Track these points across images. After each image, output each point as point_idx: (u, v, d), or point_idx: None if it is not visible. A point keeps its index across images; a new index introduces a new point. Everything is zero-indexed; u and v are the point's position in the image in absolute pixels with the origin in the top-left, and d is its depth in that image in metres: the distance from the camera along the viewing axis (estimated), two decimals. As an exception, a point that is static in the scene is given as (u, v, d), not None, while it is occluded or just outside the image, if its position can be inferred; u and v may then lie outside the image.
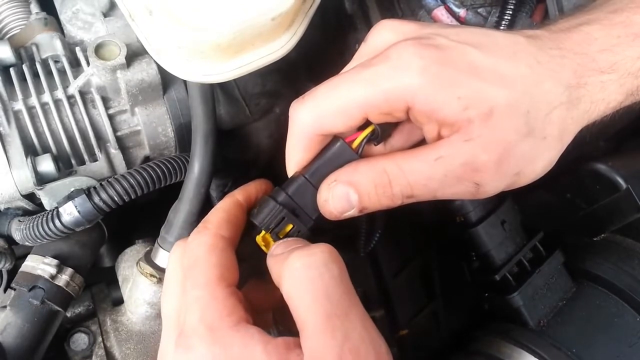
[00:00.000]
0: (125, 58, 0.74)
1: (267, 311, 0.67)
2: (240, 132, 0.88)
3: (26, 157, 0.74)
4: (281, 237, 0.64)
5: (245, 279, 0.65)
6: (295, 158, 0.64)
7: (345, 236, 1.02)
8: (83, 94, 0.78)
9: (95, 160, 0.79)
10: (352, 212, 0.62)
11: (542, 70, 0.59)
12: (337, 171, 0.62)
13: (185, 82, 0.79)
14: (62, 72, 0.80)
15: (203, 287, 0.59)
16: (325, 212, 0.63)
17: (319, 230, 0.67)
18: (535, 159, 0.60)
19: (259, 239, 0.64)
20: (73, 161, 0.78)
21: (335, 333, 0.54)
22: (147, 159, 0.83)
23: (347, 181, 0.61)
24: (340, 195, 0.61)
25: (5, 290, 0.83)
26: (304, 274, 0.57)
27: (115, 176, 0.76)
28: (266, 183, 0.70)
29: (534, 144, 0.59)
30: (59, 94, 0.77)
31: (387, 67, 0.58)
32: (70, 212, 0.74)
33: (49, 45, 0.83)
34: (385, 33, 0.62)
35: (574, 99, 0.60)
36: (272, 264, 0.62)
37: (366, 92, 0.58)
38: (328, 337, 0.54)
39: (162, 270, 0.79)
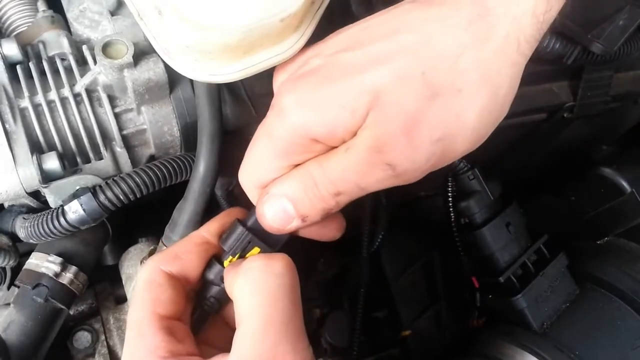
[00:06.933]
0: (133, 57, 0.74)
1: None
2: (246, 132, 0.88)
3: (32, 154, 0.74)
4: None
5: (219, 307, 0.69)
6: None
7: (348, 237, 1.03)
8: (89, 92, 0.78)
9: (101, 158, 0.78)
10: (296, 223, 0.62)
11: (431, 26, 0.57)
12: (270, 184, 0.62)
13: (191, 81, 0.79)
14: (68, 70, 0.80)
15: (133, 326, 0.63)
16: (266, 227, 0.63)
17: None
18: (460, 115, 0.57)
19: (226, 263, 0.66)
20: (78, 159, 0.78)
21: (268, 338, 0.57)
22: (152, 158, 0.83)
23: (279, 193, 0.61)
24: (277, 209, 0.61)
25: (9, 288, 0.83)
26: (257, 276, 0.60)
27: (121, 175, 0.76)
28: (237, 211, 0.72)
29: (447, 101, 0.56)
30: (66, 92, 0.77)
31: (273, 116, 0.61)
32: (75, 210, 0.74)
33: (56, 43, 0.82)
34: (275, 77, 0.66)
35: (483, 31, 0.56)
36: (228, 269, 0.65)
37: (270, 146, 0.61)
38: (259, 340, 0.57)
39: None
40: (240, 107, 0.84)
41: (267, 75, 0.82)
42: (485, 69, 0.57)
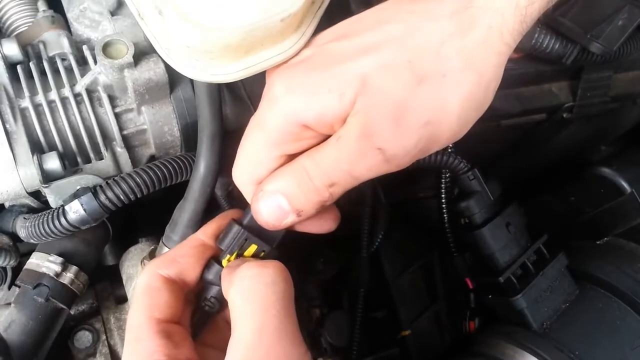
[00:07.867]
0: (133, 57, 0.74)
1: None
2: (246, 131, 0.88)
3: (32, 154, 0.74)
4: None
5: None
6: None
7: (348, 237, 1.03)
8: (90, 92, 0.78)
9: (101, 158, 0.79)
10: (291, 218, 0.62)
11: (417, 17, 0.59)
12: (264, 181, 0.63)
13: (191, 81, 0.79)
14: (69, 70, 0.80)
15: (132, 330, 0.64)
16: (262, 223, 0.64)
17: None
18: (445, 100, 0.58)
19: (225, 262, 0.67)
20: (79, 159, 0.78)
21: (261, 344, 0.58)
22: (152, 158, 0.83)
23: (273, 189, 0.62)
24: (272, 205, 0.62)
25: (9, 288, 0.83)
26: (250, 284, 0.61)
27: (122, 175, 0.76)
28: (234, 213, 0.72)
29: (432, 86, 0.58)
30: (66, 91, 0.77)
31: (264, 106, 0.62)
32: (76, 210, 0.74)
33: (56, 43, 0.82)
34: (267, 71, 0.66)
35: (466, 23, 0.58)
36: (224, 273, 0.65)
37: (263, 136, 0.62)
38: (252, 346, 0.58)
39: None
40: (240, 107, 0.84)
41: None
42: (469, 56, 0.58)
